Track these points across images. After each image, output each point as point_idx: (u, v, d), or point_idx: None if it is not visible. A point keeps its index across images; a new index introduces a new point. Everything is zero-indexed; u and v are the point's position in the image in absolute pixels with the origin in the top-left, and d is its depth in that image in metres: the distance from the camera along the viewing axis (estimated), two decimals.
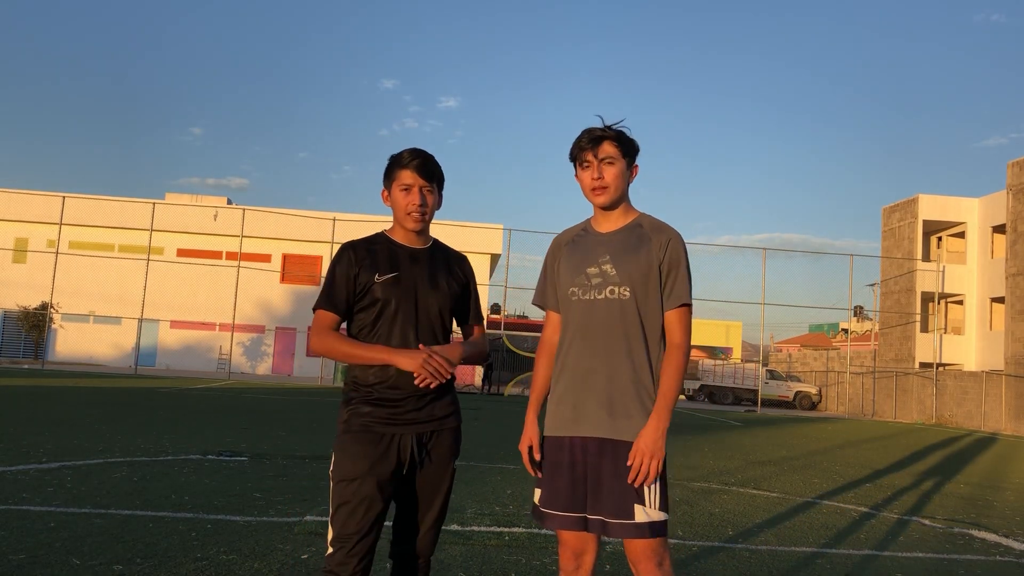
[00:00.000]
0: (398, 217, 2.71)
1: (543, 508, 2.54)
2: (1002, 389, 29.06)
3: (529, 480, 7.88)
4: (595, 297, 2.55)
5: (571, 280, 2.61)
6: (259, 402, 17.57)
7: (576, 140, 2.62)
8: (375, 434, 2.57)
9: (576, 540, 2.52)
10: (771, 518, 6.67)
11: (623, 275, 2.53)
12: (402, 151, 2.72)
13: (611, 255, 2.57)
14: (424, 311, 2.66)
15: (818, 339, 69.55)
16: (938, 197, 36.83)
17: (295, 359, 39.01)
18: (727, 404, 37.68)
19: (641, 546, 2.43)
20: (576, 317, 2.58)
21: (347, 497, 2.51)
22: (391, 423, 2.59)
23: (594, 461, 2.48)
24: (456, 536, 5.15)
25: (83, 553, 4.20)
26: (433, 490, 2.66)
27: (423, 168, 2.67)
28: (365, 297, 2.64)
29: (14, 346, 37.58)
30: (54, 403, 13.72)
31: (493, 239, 38.76)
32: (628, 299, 2.52)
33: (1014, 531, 6.84)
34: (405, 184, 2.67)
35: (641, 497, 2.42)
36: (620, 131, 2.61)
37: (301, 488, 6.64)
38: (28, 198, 38.05)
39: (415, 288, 2.66)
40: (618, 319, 2.52)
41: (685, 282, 2.54)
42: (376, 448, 2.55)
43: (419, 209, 2.67)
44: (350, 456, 2.55)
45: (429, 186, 2.69)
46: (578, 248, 2.66)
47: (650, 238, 2.57)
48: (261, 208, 38.09)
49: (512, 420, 16.85)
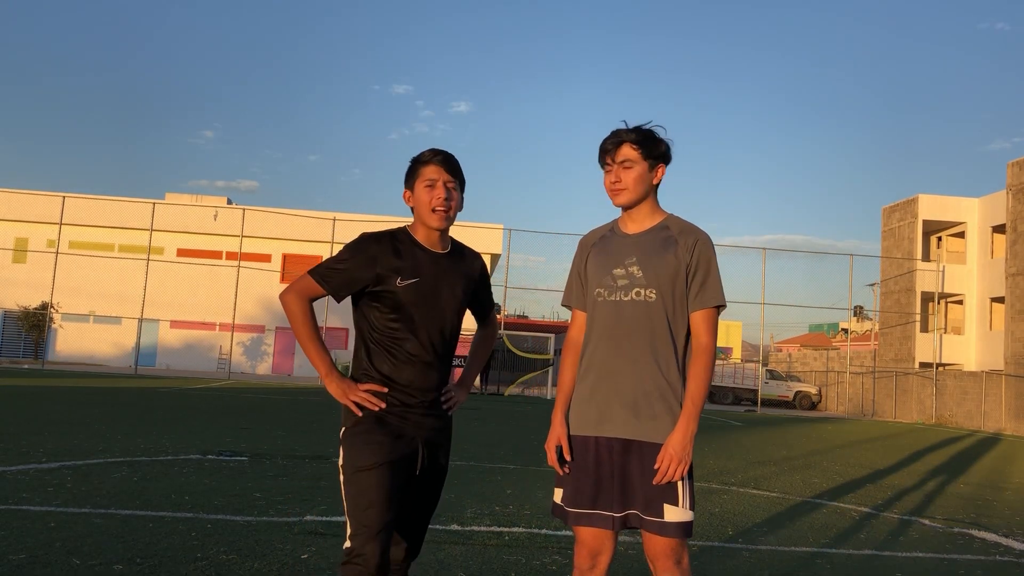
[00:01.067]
0: (422, 215, 2.66)
1: (567, 507, 2.55)
2: (1002, 389, 29.05)
3: (529, 480, 7.88)
4: (621, 299, 2.55)
5: (598, 281, 2.61)
6: (259, 402, 17.57)
7: (601, 143, 2.63)
8: (390, 426, 2.56)
9: (594, 539, 2.52)
10: (771, 518, 6.67)
11: (650, 277, 2.53)
12: (423, 151, 2.68)
13: (638, 257, 2.57)
14: (440, 317, 2.66)
15: (818, 339, 69.54)
16: (938, 197, 36.83)
17: (295, 359, 39.01)
18: (727, 404, 37.66)
19: (663, 544, 2.45)
20: (602, 318, 2.58)
21: (365, 486, 2.45)
22: (405, 421, 2.59)
23: (620, 460, 2.49)
24: (456, 536, 5.15)
25: (83, 553, 4.20)
26: (430, 493, 2.68)
27: (447, 163, 2.65)
28: (384, 295, 2.61)
29: (14, 346, 37.59)
30: (54, 403, 13.72)
31: (493, 239, 38.75)
32: (655, 301, 2.52)
33: (1014, 531, 6.84)
34: (429, 179, 2.63)
35: (673, 497, 2.44)
36: (646, 132, 2.58)
37: (301, 488, 6.64)
38: (28, 198, 38.05)
39: (436, 295, 2.65)
40: (645, 321, 2.52)
41: (717, 283, 2.54)
42: (391, 440, 2.54)
43: (444, 204, 2.62)
44: (365, 444, 2.51)
45: (453, 182, 2.66)
46: (605, 249, 2.65)
47: (677, 241, 2.56)
48: (261, 208, 38.10)
49: (512, 420, 16.85)
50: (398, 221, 35.99)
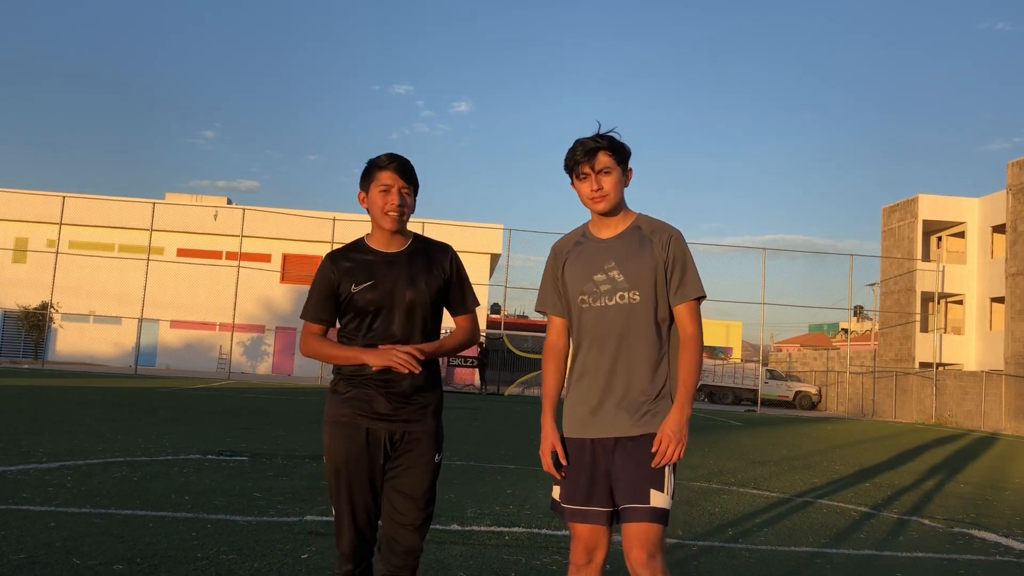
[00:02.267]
0: (375, 217, 2.79)
1: (563, 503, 2.64)
2: (1002, 389, 29.05)
3: (529, 480, 7.88)
4: (606, 304, 2.62)
5: (579, 288, 2.67)
6: (259, 402, 17.57)
7: (570, 152, 2.67)
8: (349, 425, 2.71)
9: (590, 535, 2.60)
10: (771, 518, 6.67)
11: (631, 280, 2.60)
12: (380, 155, 2.80)
13: (616, 261, 2.64)
14: (404, 313, 2.74)
15: (818, 339, 69.56)
16: (938, 197, 36.83)
17: (295, 359, 39.01)
18: (727, 404, 37.66)
19: (640, 532, 2.48)
20: (589, 324, 2.65)
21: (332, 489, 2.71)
22: (364, 415, 2.71)
23: (610, 456, 2.58)
24: (456, 536, 5.15)
25: (83, 553, 4.20)
26: (410, 487, 2.71)
27: (402, 170, 2.77)
28: (348, 306, 2.75)
29: (14, 346, 37.58)
30: (54, 403, 13.72)
31: (493, 239, 38.77)
32: (639, 302, 2.60)
33: (1014, 531, 6.84)
34: (384, 185, 2.75)
35: (660, 483, 2.52)
36: (613, 138, 2.66)
37: (301, 488, 6.64)
38: (28, 198, 38.05)
39: (392, 292, 2.74)
40: (631, 323, 2.60)
41: (695, 275, 2.64)
42: (350, 438, 2.70)
43: (397, 209, 2.74)
44: (327, 450, 2.73)
45: (407, 188, 2.79)
46: (581, 255, 2.71)
47: (651, 239, 2.65)
48: (261, 208, 38.10)
49: (512, 420, 16.85)
50: None
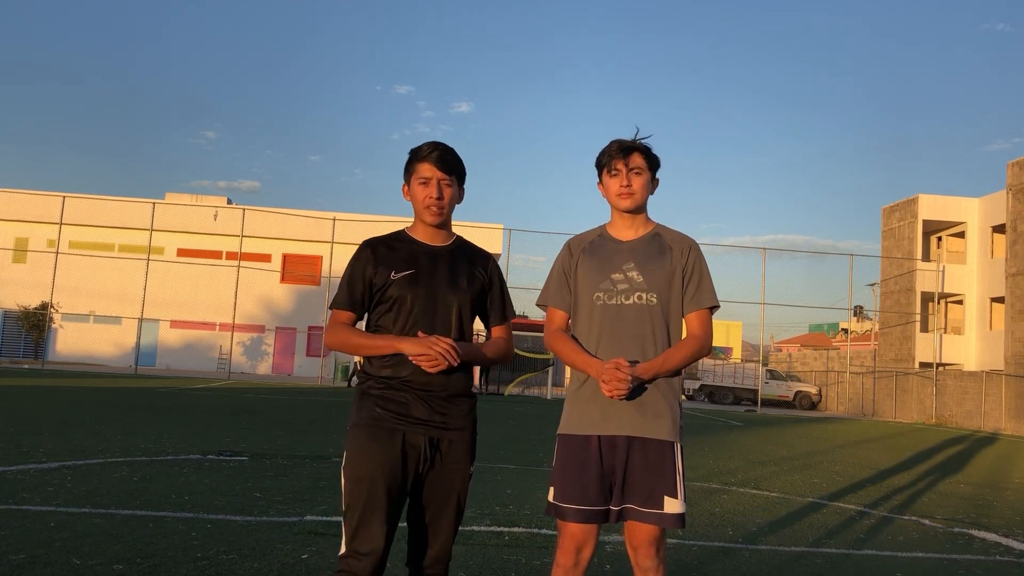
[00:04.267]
0: (417, 211, 2.69)
1: (561, 503, 2.62)
2: (1002, 389, 29.05)
3: (529, 480, 7.88)
4: (622, 302, 2.67)
5: (596, 284, 2.71)
6: (259, 402, 17.57)
7: (606, 148, 2.75)
8: (384, 429, 2.53)
9: (582, 533, 2.60)
10: (771, 518, 6.67)
11: (650, 282, 2.67)
12: (421, 144, 2.70)
13: (636, 262, 2.70)
14: (442, 310, 2.63)
15: (818, 339, 69.58)
16: (938, 197, 36.84)
17: (295, 358, 39.03)
18: (727, 404, 37.68)
19: (650, 533, 2.58)
20: (602, 321, 2.68)
21: (358, 498, 2.48)
22: (401, 420, 2.55)
23: (623, 456, 2.59)
24: (456, 536, 5.14)
25: (83, 553, 4.20)
26: (445, 494, 2.61)
27: (441, 160, 2.65)
28: (383, 294, 2.62)
29: (14, 346, 37.59)
30: (54, 403, 13.72)
31: (493, 239, 38.76)
32: (655, 305, 2.66)
33: (1014, 531, 6.84)
34: (423, 177, 2.65)
35: (673, 490, 2.57)
36: (647, 146, 2.76)
37: (301, 488, 6.64)
38: (28, 198, 38.06)
39: (433, 286, 2.63)
40: (646, 323, 2.65)
41: (710, 286, 2.74)
42: (386, 444, 2.51)
43: (436, 202, 2.64)
44: (359, 451, 2.52)
45: (448, 179, 2.67)
46: (598, 254, 2.76)
47: (671, 247, 2.74)
48: (261, 208, 38.11)
49: (512, 420, 16.85)
50: (398, 221, 36.00)
